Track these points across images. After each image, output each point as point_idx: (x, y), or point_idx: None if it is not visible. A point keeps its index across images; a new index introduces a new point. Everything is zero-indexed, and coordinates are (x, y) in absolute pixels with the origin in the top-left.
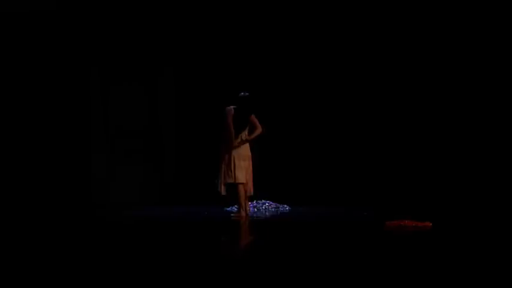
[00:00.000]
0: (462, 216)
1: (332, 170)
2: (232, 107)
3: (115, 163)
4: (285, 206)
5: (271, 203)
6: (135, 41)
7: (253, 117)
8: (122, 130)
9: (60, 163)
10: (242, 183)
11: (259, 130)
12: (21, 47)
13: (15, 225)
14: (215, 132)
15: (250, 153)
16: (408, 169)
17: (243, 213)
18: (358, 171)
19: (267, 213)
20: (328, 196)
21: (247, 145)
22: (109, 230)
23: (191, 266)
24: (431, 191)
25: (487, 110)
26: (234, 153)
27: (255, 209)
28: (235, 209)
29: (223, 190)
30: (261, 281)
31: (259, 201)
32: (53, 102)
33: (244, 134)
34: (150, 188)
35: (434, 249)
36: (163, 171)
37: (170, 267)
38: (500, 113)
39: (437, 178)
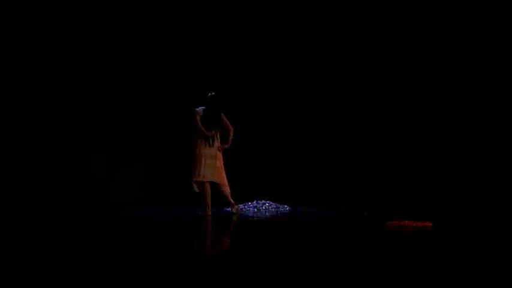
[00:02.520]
0: (462, 216)
1: (332, 171)
2: (201, 108)
3: (115, 163)
4: (285, 206)
5: (271, 203)
6: (136, 41)
7: (223, 117)
8: (122, 130)
9: (60, 163)
10: (208, 182)
11: (231, 132)
12: (21, 47)
13: (16, 224)
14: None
15: (219, 153)
16: (408, 169)
17: (208, 212)
18: (358, 172)
19: (267, 214)
20: (328, 196)
21: (216, 145)
22: (108, 230)
23: (190, 266)
24: (431, 191)
25: (487, 110)
26: (203, 152)
27: (255, 209)
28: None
29: (195, 188)
30: (261, 280)
31: (260, 202)
32: (53, 103)
33: (217, 142)
34: (150, 188)
35: (434, 249)
36: (163, 171)
37: (169, 266)
38: (500, 113)
39: (438, 178)
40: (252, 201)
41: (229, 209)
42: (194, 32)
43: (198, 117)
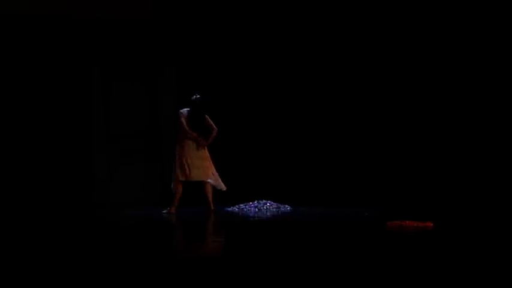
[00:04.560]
0: (463, 217)
1: (333, 171)
2: (186, 109)
3: (116, 163)
4: (286, 206)
5: (272, 203)
6: (137, 41)
7: (207, 118)
8: (123, 130)
9: (61, 163)
10: (181, 183)
11: (215, 132)
12: (23, 47)
13: (16, 224)
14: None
15: (206, 153)
16: (409, 169)
17: (173, 210)
18: (359, 172)
19: (268, 214)
20: (329, 196)
21: (200, 146)
22: (108, 230)
23: (189, 266)
24: (432, 191)
25: (487, 110)
26: (188, 153)
27: (256, 209)
28: (236, 209)
29: (175, 187)
30: (261, 280)
31: (261, 201)
32: (55, 102)
33: (201, 139)
34: (150, 188)
35: (435, 249)
36: (163, 171)
37: (167, 267)
38: (500, 113)
39: (438, 178)
40: (253, 201)
41: (231, 209)
42: (195, 32)
43: (183, 119)
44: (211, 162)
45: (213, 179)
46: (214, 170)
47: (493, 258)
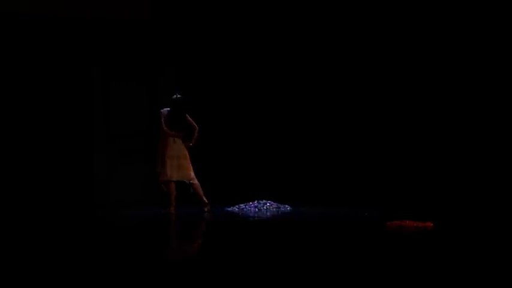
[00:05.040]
0: (463, 217)
1: (333, 171)
2: (166, 109)
3: (116, 163)
4: (286, 206)
5: (272, 203)
6: (137, 41)
7: (188, 117)
8: (123, 130)
9: (61, 163)
10: (174, 182)
11: (196, 131)
12: (24, 47)
13: (16, 224)
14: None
15: (186, 153)
16: (409, 169)
17: (172, 210)
18: (359, 172)
19: (268, 214)
20: (329, 196)
21: (180, 145)
22: (107, 230)
23: (189, 266)
24: (432, 191)
25: (487, 110)
26: (169, 153)
27: (256, 209)
28: (236, 209)
29: (163, 187)
30: (261, 280)
31: (261, 201)
32: (55, 103)
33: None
34: (151, 188)
35: (435, 249)
36: None
37: (166, 267)
38: (500, 113)
39: (438, 178)
40: (253, 201)
41: (231, 208)
42: (196, 32)
43: (162, 119)
44: (190, 162)
45: (192, 177)
46: (192, 169)
47: (493, 258)
